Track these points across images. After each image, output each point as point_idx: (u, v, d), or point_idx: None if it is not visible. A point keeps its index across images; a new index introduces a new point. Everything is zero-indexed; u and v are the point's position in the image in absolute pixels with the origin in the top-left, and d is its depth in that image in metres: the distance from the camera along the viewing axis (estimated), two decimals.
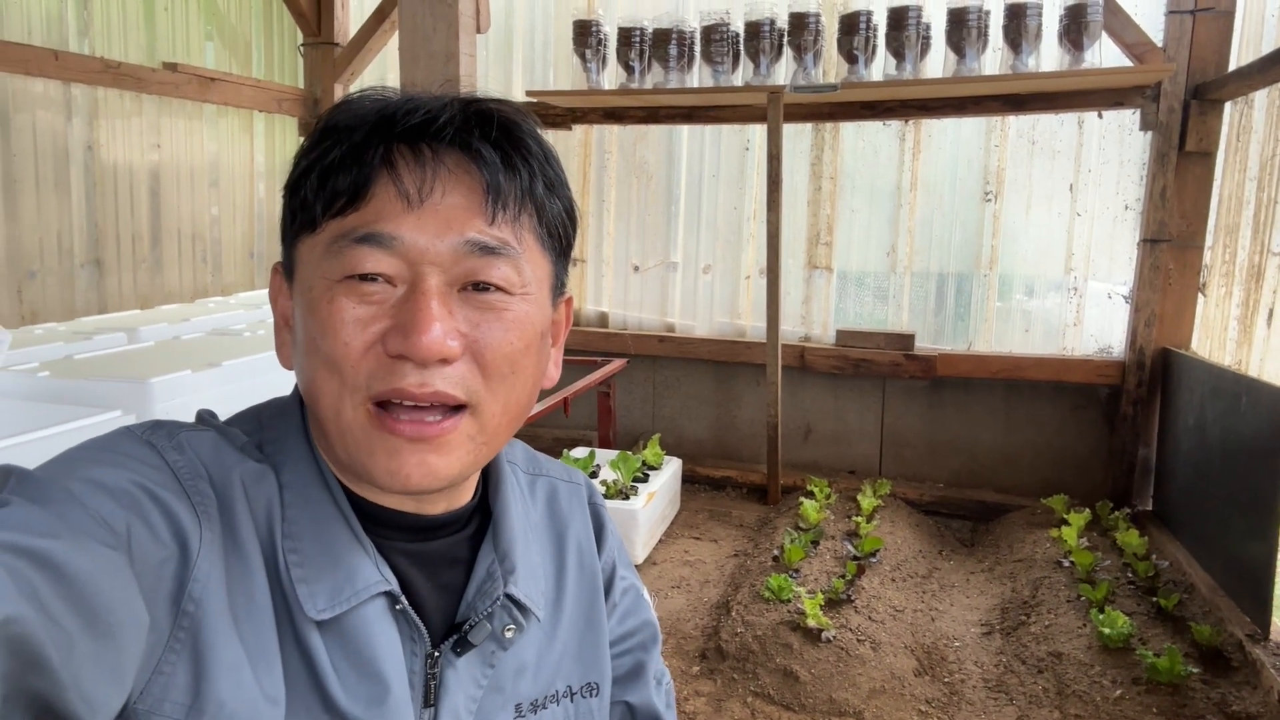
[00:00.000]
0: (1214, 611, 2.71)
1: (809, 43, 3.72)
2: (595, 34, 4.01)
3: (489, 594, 0.76)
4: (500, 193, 0.68)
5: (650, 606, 1.00)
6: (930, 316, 4.23)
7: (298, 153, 0.72)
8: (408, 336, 0.64)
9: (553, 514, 0.90)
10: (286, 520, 0.69)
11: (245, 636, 0.64)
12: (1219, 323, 3.50)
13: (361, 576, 0.69)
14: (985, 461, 4.14)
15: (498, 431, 0.72)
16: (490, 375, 0.69)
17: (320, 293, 0.67)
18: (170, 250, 4.13)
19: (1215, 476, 2.98)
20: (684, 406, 4.53)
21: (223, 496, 0.67)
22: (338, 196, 0.67)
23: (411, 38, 1.73)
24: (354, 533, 0.71)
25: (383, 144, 0.67)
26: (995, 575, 3.38)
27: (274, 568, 0.68)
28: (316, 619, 0.67)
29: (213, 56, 4.38)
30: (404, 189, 0.66)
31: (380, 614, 0.70)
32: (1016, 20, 3.48)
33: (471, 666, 0.75)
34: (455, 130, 0.68)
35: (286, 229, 0.73)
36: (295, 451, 0.73)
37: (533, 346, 0.72)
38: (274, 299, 0.78)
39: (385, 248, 0.66)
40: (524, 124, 0.72)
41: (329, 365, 0.67)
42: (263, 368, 2.51)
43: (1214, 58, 3.47)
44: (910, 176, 4.17)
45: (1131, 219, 3.87)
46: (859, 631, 2.71)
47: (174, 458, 0.67)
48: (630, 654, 0.95)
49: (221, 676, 0.61)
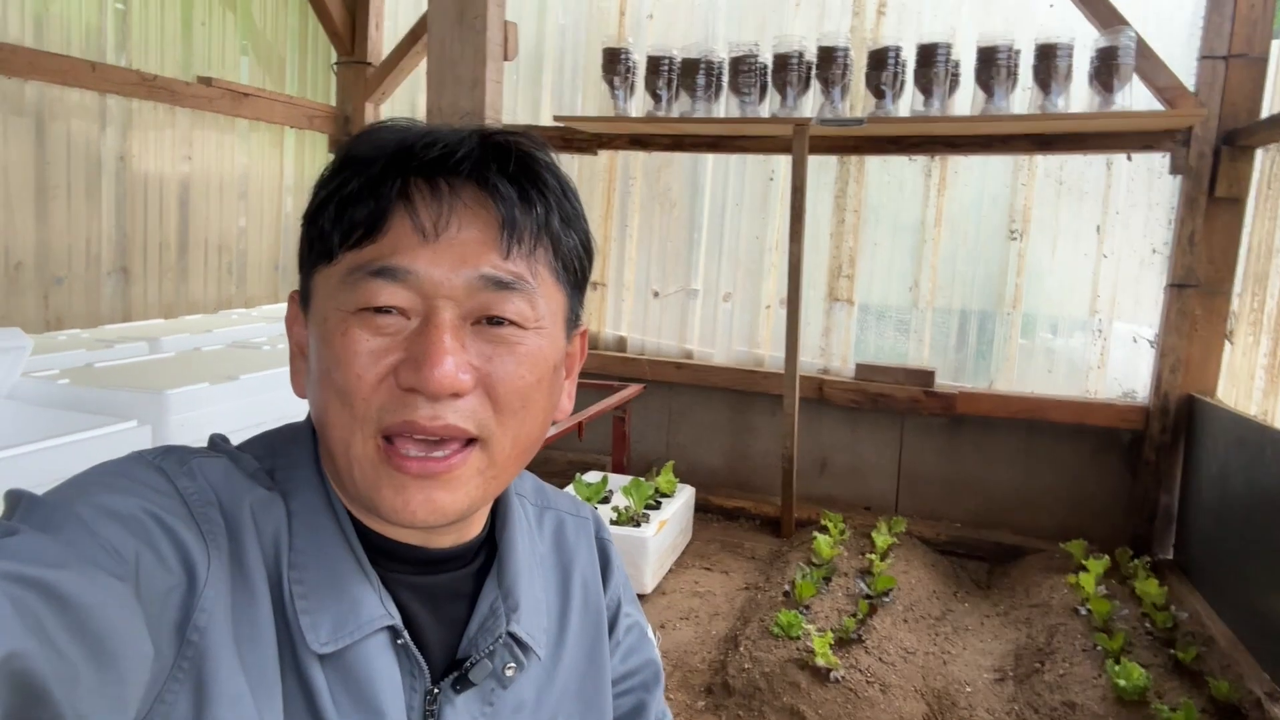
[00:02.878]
0: (1233, 666, 2.64)
1: (837, 76, 3.73)
2: (624, 62, 4.04)
3: (491, 631, 0.75)
4: (516, 227, 0.68)
5: (654, 645, 0.99)
6: (951, 353, 4.19)
7: (317, 183, 0.72)
8: (420, 369, 0.64)
9: (559, 548, 0.89)
10: (294, 549, 0.69)
11: (248, 667, 0.63)
12: (1245, 371, 3.45)
13: (365, 610, 0.68)
14: (1003, 502, 4.08)
15: (507, 465, 0.72)
16: (502, 409, 0.69)
17: (334, 324, 0.68)
18: (197, 261, 4.17)
19: (1237, 527, 2.92)
20: (699, 434, 4.51)
21: (232, 524, 0.67)
22: (355, 228, 0.67)
23: (439, 63, 1.74)
24: (360, 564, 0.70)
25: (400, 177, 0.67)
26: (1010, 620, 3.32)
27: (279, 597, 0.67)
28: (319, 652, 0.66)
29: (247, 72, 4.45)
30: (420, 223, 0.67)
31: (382, 648, 0.69)
32: (1047, 60, 3.47)
33: (471, 704, 0.74)
34: (472, 164, 0.68)
35: (304, 258, 0.74)
36: (305, 480, 0.73)
37: (545, 380, 0.72)
38: (290, 327, 0.78)
39: (400, 281, 0.66)
40: (542, 157, 0.72)
41: (341, 396, 0.67)
42: (280, 382, 2.52)
43: (1246, 103, 3.44)
44: (935, 212, 4.15)
45: (1159, 263, 3.83)
46: (868, 673, 2.67)
47: (184, 484, 0.66)
48: (632, 693, 0.94)
49: (223, 707, 0.61)
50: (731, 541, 3.96)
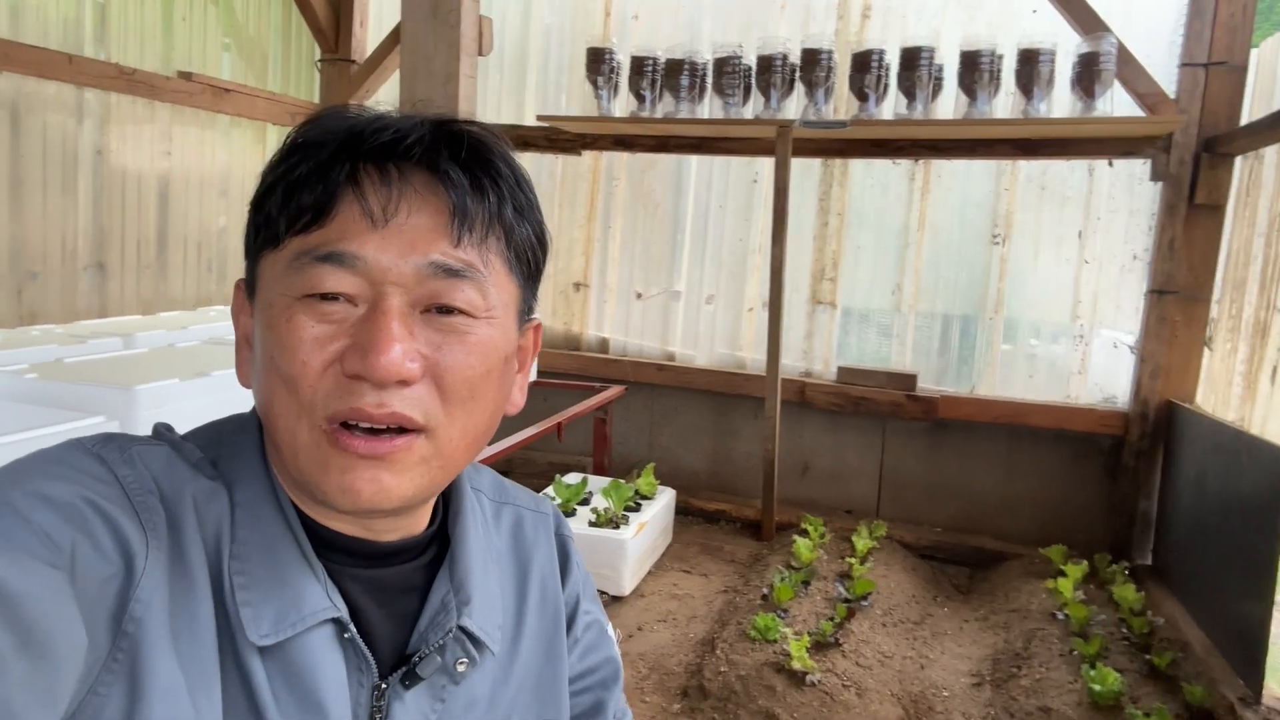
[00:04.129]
0: (1207, 672, 2.65)
1: (821, 79, 3.73)
2: (608, 62, 4.03)
3: (442, 625, 0.73)
4: (467, 215, 0.67)
5: (614, 643, 0.98)
6: (934, 357, 4.19)
7: (265, 168, 0.70)
8: (366, 356, 0.63)
9: (517, 544, 0.87)
10: (236, 540, 0.67)
11: (185, 659, 0.62)
12: (1224, 378, 3.47)
13: (309, 601, 0.67)
14: (984, 507, 4.08)
15: (454, 456, 0.70)
16: (449, 399, 0.67)
17: (280, 310, 0.66)
18: (175, 257, 4.13)
19: (1214, 534, 2.93)
20: (681, 436, 4.50)
21: (172, 514, 0.65)
22: (302, 213, 0.66)
23: (412, 57, 1.72)
24: (304, 556, 0.69)
25: (349, 162, 0.66)
26: (989, 625, 3.32)
27: (220, 589, 0.65)
28: (259, 644, 0.65)
29: (228, 67, 4.41)
30: (368, 208, 0.65)
31: (326, 642, 0.68)
32: (1030, 66, 3.48)
33: (420, 700, 0.72)
34: (423, 150, 0.67)
35: (250, 245, 0.72)
36: (250, 470, 0.71)
37: (495, 371, 0.71)
38: (235, 316, 0.76)
39: (347, 267, 0.65)
40: (495, 146, 0.71)
41: (286, 384, 0.65)
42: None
43: (1226, 111, 3.46)
44: (918, 216, 4.15)
45: (1139, 269, 3.84)
46: (845, 676, 2.66)
47: (124, 472, 0.65)
48: (590, 691, 0.92)
49: (157, 700, 0.59)
50: (712, 544, 3.95)
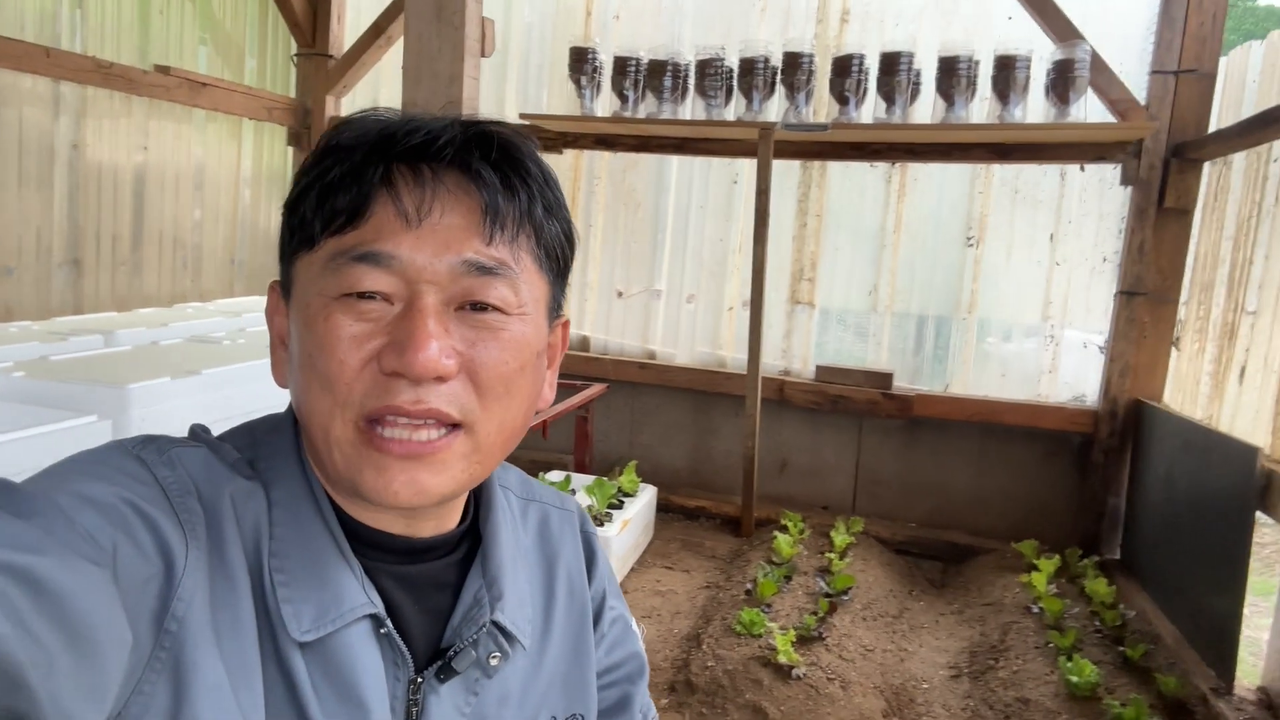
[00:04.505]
0: (1179, 663, 2.73)
1: (801, 82, 3.77)
2: (591, 61, 4.05)
3: (475, 620, 0.75)
4: (498, 213, 0.69)
5: (639, 638, 1.00)
6: (909, 357, 4.27)
7: (298, 171, 0.72)
8: (403, 353, 0.64)
9: (544, 540, 0.89)
10: (274, 539, 0.69)
11: (227, 656, 0.63)
12: (1191, 377, 3.57)
13: (348, 598, 0.68)
14: (957, 503, 4.17)
15: (491, 451, 0.72)
16: (485, 395, 0.69)
17: (317, 310, 0.68)
18: (151, 253, 4.09)
19: (1184, 529, 3.02)
20: (662, 434, 4.53)
21: (211, 514, 0.66)
22: (337, 215, 0.68)
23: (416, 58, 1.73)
24: (342, 553, 0.70)
25: (383, 163, 0.68)
26: (964, 618, 3.39)
27: (259, 586, 0.67)
28: (300, 640, 0.66)
29: (205, 62, 4.37)
30: (403, 208, 0.67)
31: (364, 637, 0.69)
32: (1005, 72, 3.55)
33: (455, 694, 0.74)
34: (455, 151, 0.68)
35: (284, 247, 0.74)
36: (287, 469, 0.73)
37: (528, 367, 0.72)
38: (270, 317, 0.78)
39: (383, 266, 0.66)
40: (524, 146, 0.73)
41: (323, 382, 0.67)
42: (243, 377, 2.48)
43: (1194, 118, 3.56)
44: (895, 218, 4.22)
45: (1109, 271, 3.94)
46: (829, 670, 2.71)
47: (164, 474, 0.66)
48: (617, 686, 0.94)
49: (201, 697, 0.60)
50: (692, 541, 3.99)
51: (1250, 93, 3.32)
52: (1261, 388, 2.87)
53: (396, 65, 5.04)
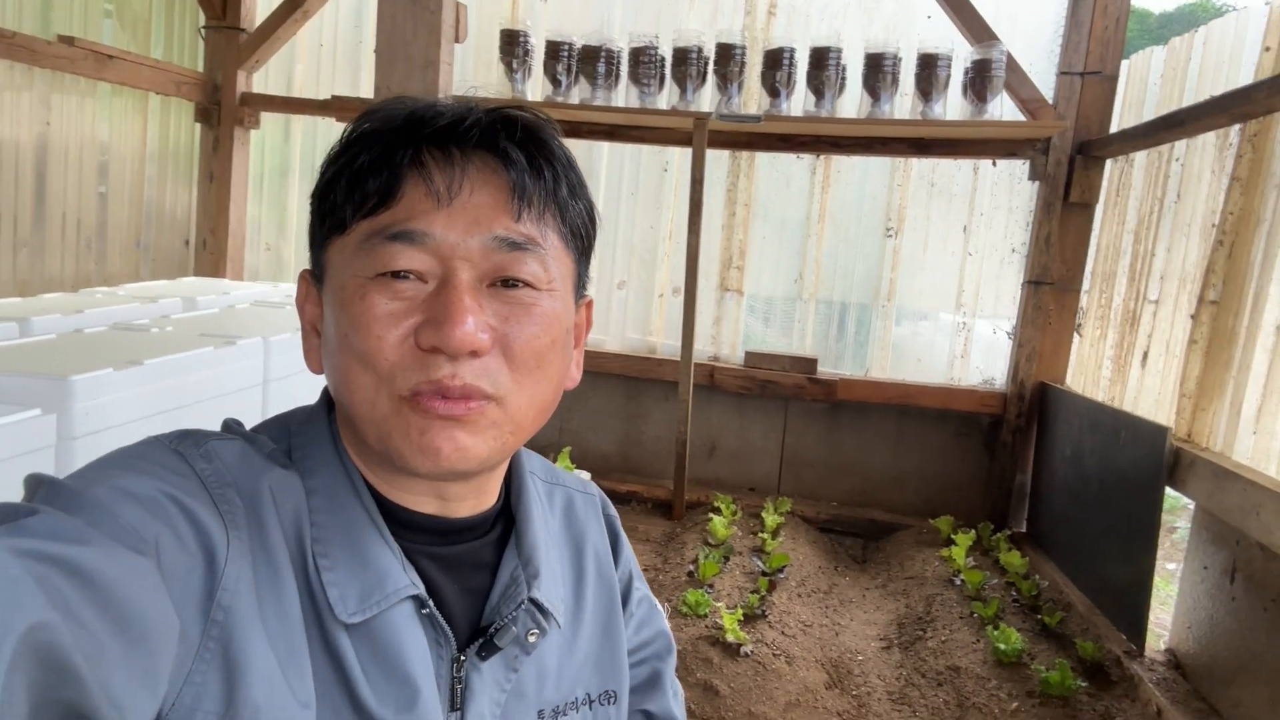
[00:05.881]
0: (1091, 629, 2.95)
1: (734, 73, 3.84)
2: (523, 45, 4.02)
3: (513, 598, 0.77)
4: (526, 192, 0.71)
5: (664, 617, 1.04)
6: (832, 343, 4.42)
7: (325, 160, 0.74)
8: (440, 328, 0.66)
9: (570, 524, 0.92)
10: (315, 525, 0.70)
11: (275, 642, 0.64)
12: (1093, 361, 3.82)
13: (391, 580, 0.70)
14: (876, 482, 4.35)
15: (523, 423, 0.73)
16: (518, 369, 0.71)
17: (353, 290, 0.69)
18: (53, 235, 3.86)
19: (1091, 503, 3.24)
20: (592, 420, 4.56)
21: (250, 504, 0.67)
22: (368, 197, 0.69)
23: (390, 42, 1.70)
24: (382, 536, 0.72)
25: (412, 146, 0.69)
26: (889, 591, 3.56)
27: (303, 572, 0.68)
28: (347, 622, 0.68)
29: (110, 33, 4.13)
30: (434, 188, 0.69)
31: (408, 618, 0.71)
32: (928, 70, 3.70)
33: (496, 670, 0.76)
34: (482, 132, 0.71)
35: (315, 234, 0.75)
36: (323, 457, 0.74)
37: (559, 343, 0.74)
38: (301, 305, 0.79)
39: (417, 244, 0.68)
40: (547, 128, 0.75)
41: (363, 360, 0.68)
42: (185, 367, 2.39)
43: (1098, 117, 3.79)
44: (819, 209, 4.35)
45: (1017, 261, 4.17)
46: (774, 646, 2.81)
47: (201, 466, 0.67)
48: (647, 663, 0.98)
49: (255, 683, 0.62)
50: (626, 524, 4.02)
51: (1152, 95, 3.56)
52: (1164, 372, 3.10)
53: (312, 42, 4.88)
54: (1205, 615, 2.69)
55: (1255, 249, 2.66)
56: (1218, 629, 2.61)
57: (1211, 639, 2.64)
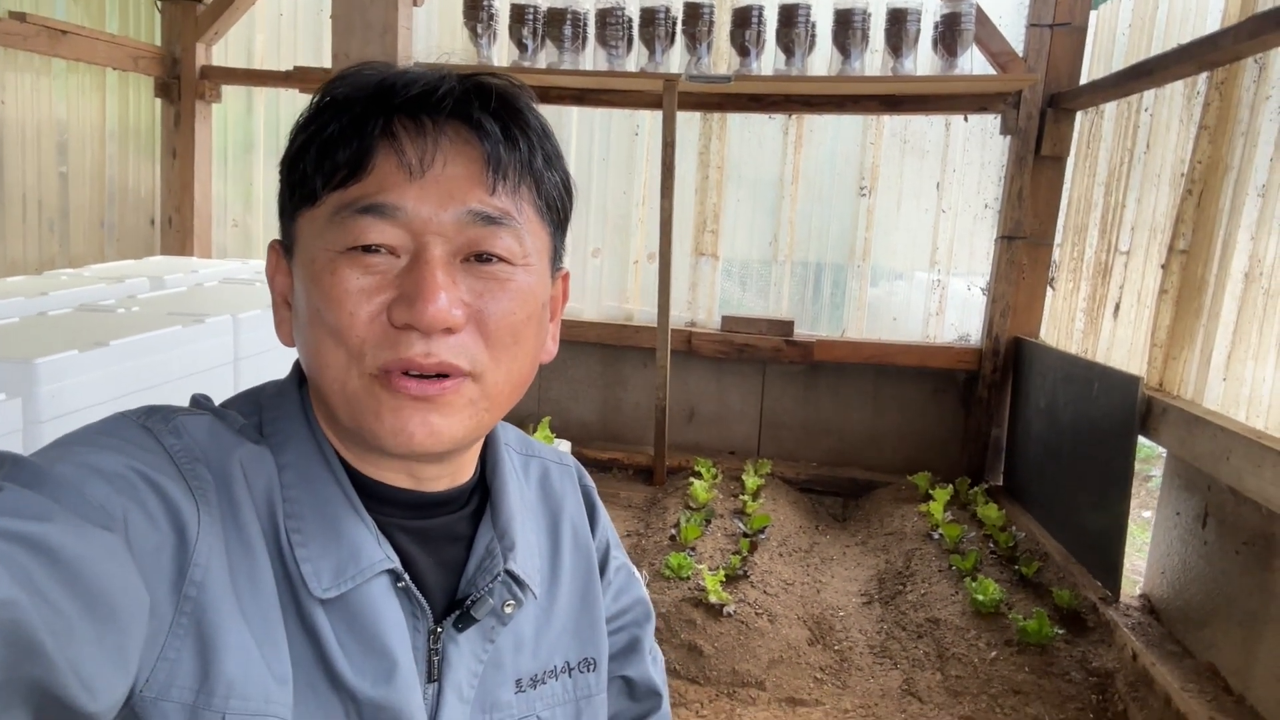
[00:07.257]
0: (1067, 577, 3.00)
1: (703, 33, 3.80)
2: (487, 8, 3.95)
3: (489, 570, 0.77)
4: (501, 163, 0.69)
5: (642, 585, 1.04)
6: (808, 304, 4.42)
7: (294, 127, 0.71)
8: (413, 305, 0.65)
9: (546, 494, 0.91)
10: (288, 500, 0.69)
11: (250, 617, 0.64)
12: (1066, 315, 3.84)
13: (365, 554, 0.69)
14: (855, 441, 4.38)
15: (499, 400, 0.73)
16: (493, 345, 0.70)
17: (323, 264, 0.67)
18: (13, 217, 3.78)
19: (1065, 455, 3.28)
20: (571, 389, 4.56)
21: (220, 479, 0.66)
22: (338, 169, 0.67)
23: (346, 7, 1.66)
24: (355, 510, 0.71)
25: (383, 115, 0.67)
26: (869, 548, 3.60)
27: (276, 547, 0.67)
28: (322, 597, 0.67)
29: (64, 8, 4.02)
30: (406, 160, 0.67)
31: (384, 591, 0.70)
32: (897, 25, 3.67)
33: (472, 642, 0.76)
34: (455, 102, 0.68)
35: (284, 204, 0.73)
36: (295, 431, 0.73)
37: (534, 317, 0.73)
38: (271, 276, 0.77)
39: (388, 218, 0.66)
40: (521, 97, 0.73)
41: (334, 336, 0.67)
42: (152, 348, 2.36)
43: (1068, 70, 3.78)
44: (792, 169, 4.33)
45: (990, 217, 4.18)
46: (756, 605, 2.84)
47: (170, 442, 0.66)
48: (626, 630, 0.98)
49: (229, 657, 0.61)
50: (607, 491, 4.05)
51: (1120, 46, 3.55)
52: (1135, 322, 3.13)
53: (272, 11, 4.77)
54: (1178, 560, 2.74)
55: (1224, 197, 2.67)
56: (1190, 573, 2.66)
57: (1185, 583, 2.69)
